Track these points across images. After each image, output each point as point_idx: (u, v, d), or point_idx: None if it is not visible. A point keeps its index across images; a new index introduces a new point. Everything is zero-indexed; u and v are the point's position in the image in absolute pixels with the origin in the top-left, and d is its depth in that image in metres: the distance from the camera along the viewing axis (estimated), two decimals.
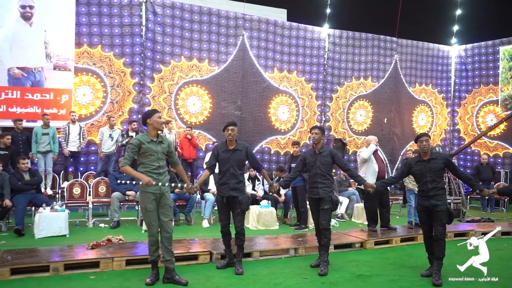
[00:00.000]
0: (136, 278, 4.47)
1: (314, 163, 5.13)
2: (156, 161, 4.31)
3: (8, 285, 4.17)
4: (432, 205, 4.70)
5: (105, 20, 9.87)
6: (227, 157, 4.88)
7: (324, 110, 12.52)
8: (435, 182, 4.72)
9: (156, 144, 4.36)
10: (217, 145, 5.09)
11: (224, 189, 4.89)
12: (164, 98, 10.49)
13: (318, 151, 5.17)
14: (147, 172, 4.26)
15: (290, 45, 11.99)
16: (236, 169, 4.88)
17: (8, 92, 9.06)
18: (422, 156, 4.85)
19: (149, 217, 4.31)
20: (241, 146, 4.96)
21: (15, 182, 6.91)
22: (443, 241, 4.74)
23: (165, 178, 4.35)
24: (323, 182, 5.07)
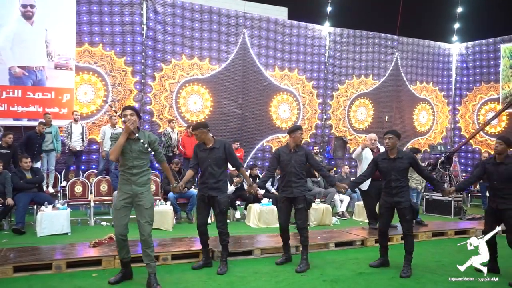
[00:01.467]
0: (137, 276, 4.49)
1: (289, 162, 5.04)
2: (131, 160, 4.07)
3: (11, 282, 4.20)
4: (396, 202, 4.82)
5: (106, 19, 9.88)
6: (205, 156, 4.75)
7: (325, 108, 12.53)
8: (399, 181, 4.82)
9: (132, 142, 4.08)
10: (196, 144, 4.97)
11: (203, 188, 4.78)
12: (165, 97, 10.51)
13: (293, 149, 5.09)
14: (122, 170, 4.13)
15: (291, 43, 12.00)
16: (215, 168, 4.73)
17: (10, 91, 9.09)
18: (389, 154, 4.94)
19: (114, 216, 4.23)
20: (219, 144, 4.81)
21: (17, 181, 6.94)
22: (410, 237, 4.87)
23: (140, 178, 4.12)
24: (297, 181, 5.01)
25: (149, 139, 4.18)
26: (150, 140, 4.20)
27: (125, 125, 4.00)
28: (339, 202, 9.01)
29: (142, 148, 4.09)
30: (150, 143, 4.18)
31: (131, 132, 4.03)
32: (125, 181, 4.11)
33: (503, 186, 4.68)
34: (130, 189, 4.08)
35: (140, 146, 4.08)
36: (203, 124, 4.85)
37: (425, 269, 5.06)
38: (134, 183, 4.09)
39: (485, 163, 4.99)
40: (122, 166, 4.13)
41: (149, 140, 4.17)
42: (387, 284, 4.49)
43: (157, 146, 4.30)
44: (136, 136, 4.06)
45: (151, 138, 4.23)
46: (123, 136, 4.02)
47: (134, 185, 4.09)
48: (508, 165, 4.69)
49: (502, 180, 4.69)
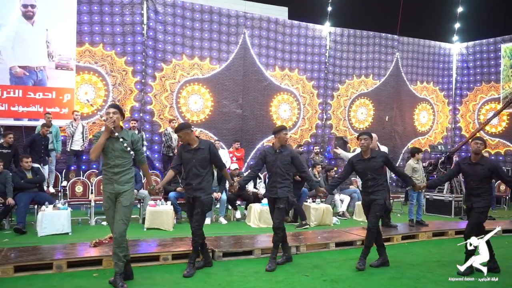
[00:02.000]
0: (138, 276, 4.50)
1: (274, 163, 5.05)
2: (112, 159, 4.04)
3: (12, 282, 4.21)
4: (371, 199, 4.99)
5: (106, 19, 9.89)
6: (189, 156, 4.70)
7: (325, 108, 12.53)
8: (375, 180, 4.99)
9: (114, 141, 4.04)
10: (181, 145, 4.92)
11: (188, 189, 4.76)
12: (165, 97, 10.52)
13: (278, 150, 5.09)
14: (104, 169, 4.12)
15: (291, 43, 12.00)
16: (200, 169, 4.69)
17: (10, 91, 9.10)
18: (363, 154, 5.05)
19: (106, 216, 4.23)
20: (203, 144, 4.77)
21: (18, 181, 6.94)
22: (373, 232, 5.00)
23: (122, 177, 4.08)
24: (282, 182, 5.03)
25: (132, 138, 4.14)
26: (133, 139, 4.16)
27: (105, 124, 3.98)
28: (340, 202, 9.02)
29: (124, 147, 4.05)
30: (133, 143, 4.14)
31: (112, 131, 4.00)
32: (107, 180, 4.10)
33: (479, 185, 4.85)
34: (112, 188, 4.07)
35: (121, 145, 4.04)
36: (186, 125, 4.83)
37: (426, 269, 5.05)
38: (116, 182, 4.07)
39: (461, 163, 5.13)
40: (105, 165, 4.13)
41: (131, 140, 4.13)
42: (388, 284, 4.49)
43: (139, 146, 4.25)
44: (117, 135, 4.02)
45: (134, 138, 4.19)
46: (104, 135, 4.00)
47: (116, 184, 4.07)
48: (484, 165, 4.84)
49: (478, 180, 4.84)
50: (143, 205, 7.50)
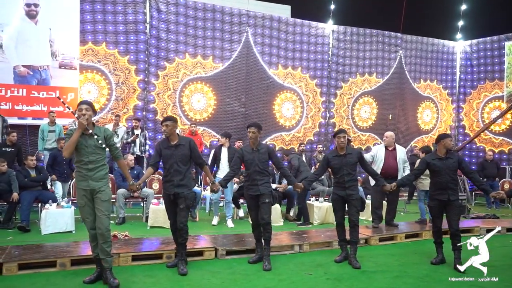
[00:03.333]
0: (142, 274, 4.52)
1: (252, 161, 5.05)
2: (86, 155, 4.02)
3: (16, 280, 4.22)
4: (348, 194, 5.13)
5: (109, 18, 9.90)
6: (170, 153, 4.70)
7: (328, 106, 12.51)
8: (351, 175, 5.17)
9: (87, 137, 4.02)
10: (159, 142, 4.91)
11: (169, 186, 4.71)
12: (168, 95, 10.53)
13: (255, 148, 5.09)
14: (78, 166, 4.08)
15: (294, 41, 11.98)
16: (181, 165, 4.69)
17: (14, 90, 9.13)
18: (339, 151, 5.24)
19: (81, 213, 4.18)
20: (183, 140, 4.79)
21: (22, 179, 6.97)
22: (358, 227, 5.22)
23: (97, 174, 4.06)
24: (262, 179, 5.06)
25: (104, 134, 4.14)
26: (106, 135, 4.15)
27: (78, 121, 3.94)
28: None
29: (97, 144, 4.05)
30: (106, 138, 4.14)
31: (86, 128, 3.97)
32: (81, 177, 4.07)
33: (453, 178, 5.07)
34: (87, 184, 4.05)
35: (95, 142, 4.03)
36: (175, 119, 4.88)
37: (429, 268, 5.05)
38: (91, 178, 4.05)
39: (428, 159, 5.24)
40: (78, 162, 4.08)
41: (104, 135, 4.13)
42: (391, 282, 4.48)
43: (112, 141, 4.24)
44: (90, 132, 4.01)
45: (107, 133, 4.19)
46: (77, 132, 3.95)
47: (91, 180, 4.05)
48: (454, 158, 5.09)
49: (451, 173, 5.06)
50: (147, 203, 7.51)
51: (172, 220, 4.85)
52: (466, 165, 5.24)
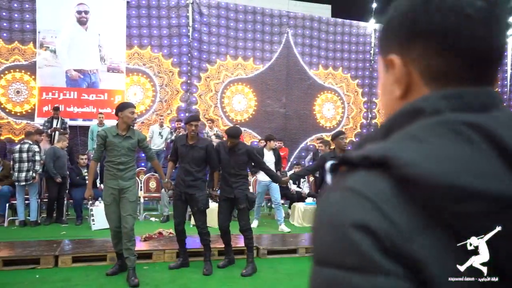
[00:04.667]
0: (186, 270, 4.66)
1: (228, 162, 4.74)
2: (119, 156, 4.19)
3: (70, 271, 4.48)
4: None
5: (154, 22, 10.23)
6: (184, 152, 4.63)
7: (370, 107, 12.29)
8: None
9: (122, 139, 4.21)
10: (178, 137, 4.88)
11: (180, 185, 4.65)
12: (210, 97, 10.73)
13: (232, 149, 4.74)
14: (109, 166, 4.24)
15: (335, 41, 11.87)
16: (193, 166, 4.60)
17: (66, 93, 9.63)
18: (339, 153, 5.15)
19: (106, 211, 4.36)
20: (202, 143, 4.70)
21: (74, 177, 7.37)
22: None
23: (127, 174, 4.24)
24: (237, 181, 4.72)
25: (138, 137, 4.34)
26: (139, 138, 4.36)
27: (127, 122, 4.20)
28: None
29: (131, 146, 4.24)
30: (139, 141, 4.34)
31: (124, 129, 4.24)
32: (112, 176, 4.24)
33: None
34: (116, 184, 4.22)
35: (130, 143, 4.23)
36: (199, 118, 4.92)
37: None
38: (121, 178, 4.22)
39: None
40: (109, 162, 4.26)
41: (138, 138, 4.33)
42: None
43: (145, 144, 4.46)
44: (125, 134, 4.22)
45: (140, 136, 4.39)
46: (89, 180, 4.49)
47: (121, 180, 4.22)
48: None
49: None
50: None
51: (177, 219, 4.71)
52: None
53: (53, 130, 8.77)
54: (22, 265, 4.53)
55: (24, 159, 6.95)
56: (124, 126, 4.23)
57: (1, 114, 9.37)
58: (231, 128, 5.03)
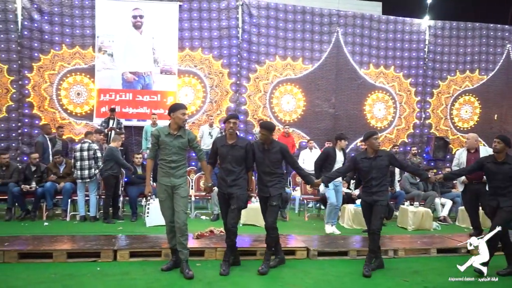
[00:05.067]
0: (238, 268, 4.72)
1: (263, 160, 4.74)
2: (170, 155, 4.38)
3: (128, 266, 4.68)
4: (374, 200, 4.80)
5: (204, 24, 10.46)
6: (225, 152, 4.66)
7: (424, 106, 11.84)
8: (380, 179, 4.82)
9: (174, 138, 4.39)
10: (216, 138, 4.89)
11: (223, 185, 4.69)
12: (259, 97, 10.80)
13: (267, 146, 4.75)
14: (161, 164, 4.44)
15: (387, 39, 11.55)
16: (235, 165, 4.64)
17: (122, 95, 10.08)
18: (371, 153, 4.91)
19: (161, 206, 4.56)
20: (242, 142, 4.72)
21: (129, 175, 7.70)
22: (377, 235, 4.82)
23: (178, 171, 4.43)
24: (272, 179, 4.74)
25: (188, 137, 4.49)
26: (190, 137, 4.51)
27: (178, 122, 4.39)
28: (440, 206, 8.46)
29: (182, 145, 4.41)
30: (189, 141, 4.51)
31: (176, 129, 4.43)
32: (164, 173, 4.44)
33: (507, 184, 4.74)
34: (168, 181, 4.42)
35: (181, 143, 4.41)
36: (237, 116, 4.91)
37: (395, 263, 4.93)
38: (173, 176, 4.42)
39: (484, 161, 5.02)
40: (162, 160, 4.46)
41: (188, 138, 4.49)
42: None
43: (195, 144, 4.61)
44: (176, 134, 4.41)
45: (190, 136, 4.54)
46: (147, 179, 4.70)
47: (172, 177, 4.42)
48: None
49: (506, 179, 4.75)
50: None
51: (225, 219, 4.74)
52: None
53: (109, 129, 9.22)
54: (84, 258, 4.79)
55: (85, 158, 7.35)
56: (175, 126, 4.42)
57: (63, 115, 9.96)
58: (266, 121, 5.19)
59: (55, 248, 4.84)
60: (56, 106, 9.93)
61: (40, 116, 9.81)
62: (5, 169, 7.52)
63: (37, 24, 9.74)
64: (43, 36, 9.81)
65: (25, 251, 4.77)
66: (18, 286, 3.95)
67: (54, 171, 7.70)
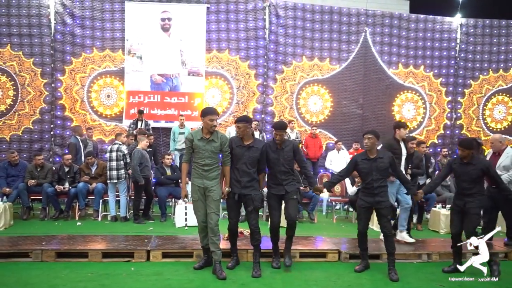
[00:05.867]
0: (269, 270, 4.71)
1: (277, 160, 4.76)
2: (203, 158, 4.52)
3: (161, 266, 4.74)
4: (377, 202, 4.76)
5: (232, 26, 10.49)
6: (241, 153, 4.66)
7: (455, 106, 11.54)
8: (380, 181, 4.77)
9: (206, 142, 4.52)
10: (231, 138, 4.85)
11: (236, 186, 4.68)
12: (286, 98, 10.76)
13: (280, 146, 4.79)
14: (195, 166, 4.60)
15: (416, 38, 11.31)
16: (250, 167, 4.66)
17: (151, 96, 10.22)
18: (368, 154, 4.84)
19: (194, 206, 4.70)
20: (258, 144, 4.77)
21: (159, 176, 7.80)
22: (391, 237, 4.83)
23: (211, 174, 4.55)
24: (287, 178, 4.79)
25: (221, 141, 4.59)
26: (222, 141, 4.60)
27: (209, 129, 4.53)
28: None
29: (214, 149, 4.55)
30: (221, 144, 4.59)
31: None
32: (198, 175, 4.59)
33: (471, 185, 4.78)
34: (201, 182, 4.56)
35: (213, 147, 4.53)
36: (247, 119, 4.83)
37: None
38: (205, 178, 4.56)
39: (452, 163, 5.02)
40: (196, 163, 4.61)
41: (220, 142, 4.59)
42: None
43: (226, 148, 4.63)
44: (209, 138, 4.54)
45: (222, 140, 4.61)
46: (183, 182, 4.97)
47: (205, 179, 4.56)
48: (476, 165, 4.78)
49: (471, 180, 4.79)
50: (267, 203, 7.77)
51: (232, 220, 4.77)
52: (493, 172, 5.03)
53: (137, 131, 9.34)
54: (118, 257, 4.87)
55: (113, 159, 7.49)
56: (206, 131, 4.55)
57: (94, 117, 10.17)
58: (278, 122, 5.21)
59: (91, 247, 4.95)
60: (87, 108, 10.16)
61: (72, 118, 10.05)
62: (39, 170, 7.75)
63: (69, 28, 9.99)
64: (74, 39, 10.05)
65: (62, 250, 4.89)
66: (57, 284, 4.05)
67: (86, 172, 7.87)
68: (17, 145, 9.71)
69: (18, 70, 9.85)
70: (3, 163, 8.00)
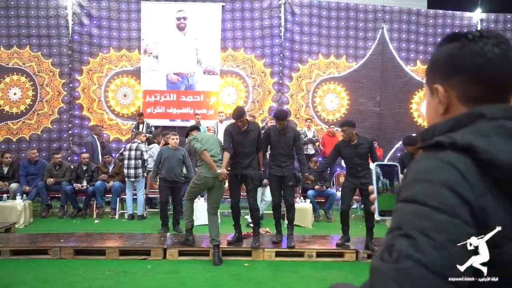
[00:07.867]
0: (285, 270, 4.66)
1: (278, 143, 5.25)
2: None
3: (178, 264, 4.74)
4: (362, 183, 5.18)
5: (247, 24, 10.46)
6: (242, 139, 5.08)
7: None
8: (363, 165, 5.25)
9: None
10: (229, 126, 5.28)
11: (237, 167, 5.11)
12: (302, 96, 10.68)
13: (282, 131, 5.27)
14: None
15: (435, 34, 11.09)
16: (251, 149, 5.13)
17: (167, 95, 10.27)
18: (350, 141, 5.28)
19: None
20: (253, 126, 5.21)
21: None
22: (373, 215, 4.91)
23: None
24: (286, 161, 5.23)
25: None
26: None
27: None
28: None
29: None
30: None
31: None
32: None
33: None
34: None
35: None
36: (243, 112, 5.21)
37: None
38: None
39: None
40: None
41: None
42: None
43: None
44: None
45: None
46: None
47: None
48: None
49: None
50: None
51: (234, 199, 5.25)
52: None
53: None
54: (135, 255, 4.89)
55: (132, 157, 7.53)
56: None
57: (111, 116, 10.27)
58: (278, 112, 5.59)
59: (108, 245, 4.98)
60: (104, 108, 10.26)
61: (89, 117, 10.17)
62: (58, 168, 7.85)
63: (87, 29, 10.11)
64: (92, 39, 10.17)
65: (80, 248, 4.93)
66: (75, 282, 4.09)
67: (104, 170, 7.95)
68: (37, 144, 9.86)
69: (37, 71, 10.01)
70: (23, 162, 8.15)
